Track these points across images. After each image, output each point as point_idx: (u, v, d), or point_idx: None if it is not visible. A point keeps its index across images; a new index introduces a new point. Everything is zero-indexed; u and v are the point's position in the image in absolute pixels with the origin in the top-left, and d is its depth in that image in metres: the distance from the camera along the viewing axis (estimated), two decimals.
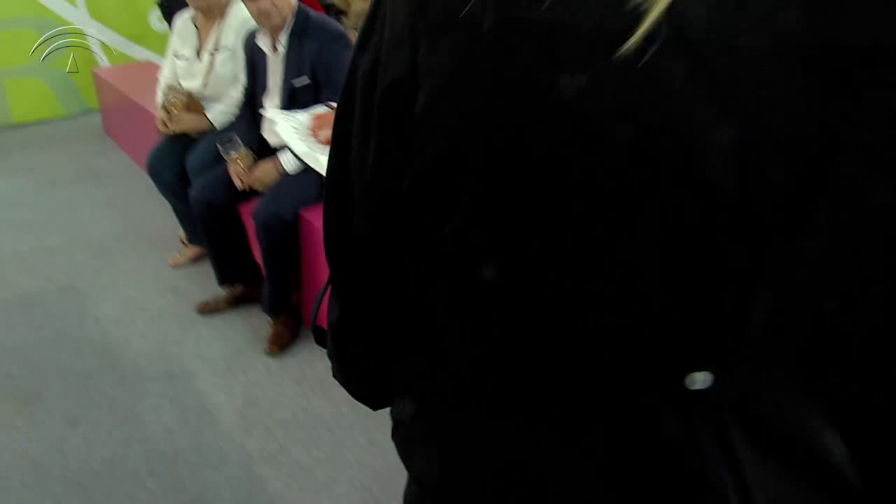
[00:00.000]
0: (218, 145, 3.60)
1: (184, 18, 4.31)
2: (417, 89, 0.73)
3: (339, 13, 6.61)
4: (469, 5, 0.64)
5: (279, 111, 3.11)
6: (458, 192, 0.72)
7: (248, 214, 3.50)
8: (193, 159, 3.93)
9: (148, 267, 4.41)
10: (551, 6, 0.63)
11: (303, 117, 2.62)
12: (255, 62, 3.64)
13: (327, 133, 1.56)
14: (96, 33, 7.88)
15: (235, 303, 3.86)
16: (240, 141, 3.59)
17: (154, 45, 7.86)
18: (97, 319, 3.95)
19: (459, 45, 0.68)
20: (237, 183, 3.56)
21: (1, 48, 7.48)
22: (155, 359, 3.59)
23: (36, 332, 3.89)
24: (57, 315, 4.02)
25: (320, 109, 2.95)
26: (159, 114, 4.15)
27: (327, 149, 1.01)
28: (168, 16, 6.45)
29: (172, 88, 4.17)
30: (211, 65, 4.11)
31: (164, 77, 4.31)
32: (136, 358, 3.61)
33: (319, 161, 2.04)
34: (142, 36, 8.01)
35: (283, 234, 3.34)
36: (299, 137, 2.18)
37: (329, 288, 1.03)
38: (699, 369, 0.66)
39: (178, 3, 4.60)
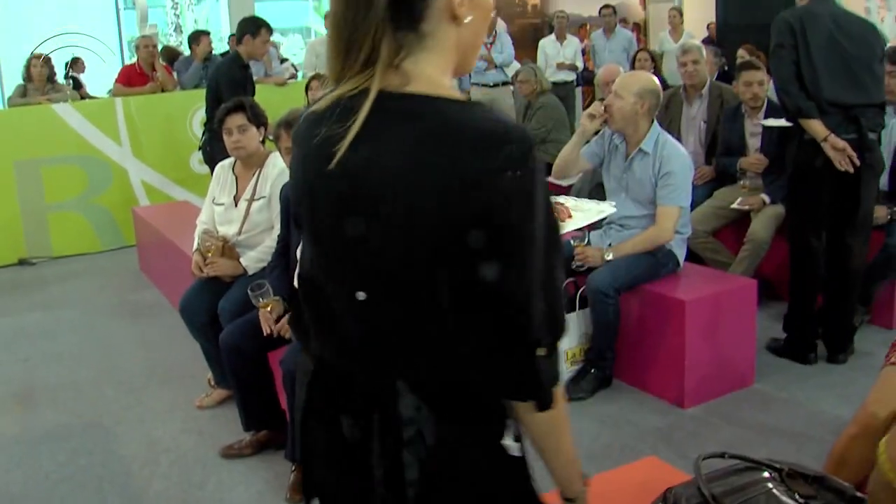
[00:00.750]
0: (249, 292, 3.69)
1: (223, 166, 4.48)
2: None
3: None
4: (295, 146, 1.45)
5: None
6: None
7: (277, 361, 3.56)
8: (225, 303, 4.02)
9: (175, 406, 4.45)
10: (316, 143, 1.34)
11: None
12: (290, 213, 3.77)
13: None
14: (138, 172, 8.16)
15: (260, 448, 3.87)
16: (270, 289, 3.68)
17: (193, 186, 8.12)
18: (121, 458, 3.98)
19: (294, 158, 1.46)
20: (265, 329, 3.64)
21: (47, 184, 7.76)
22: (176, 501, 3.59)
23: (59, 467, 3.92)
24: (81, 451, 4.05)
25: None
26: (195, 257, 4.27)
27: None
28: (209, 159, 6.70)
29: (208, 233, 4.31)
30: (247, 212, 4.25)
31: (202, 222, 4.45)
32: (157, 500, 3.62)
33: None
34: (182, 177, 8.28)
35: None
36: None
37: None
38: (361, 290, 1.35)
39: (220, 149, 4.78)
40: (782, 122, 5.33)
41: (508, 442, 1.42)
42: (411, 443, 1.37)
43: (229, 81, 6.41)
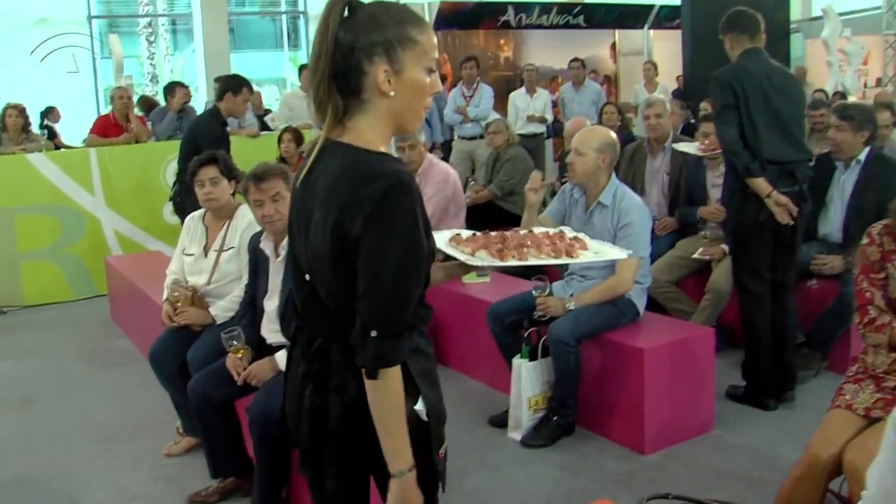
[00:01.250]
0: (222, 335, 3.75)
1: (194, 217, 4.57)
2: None
3: None
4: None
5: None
6: None
7: (244, 409, 3.61)
8: (194, 352, 4.08)
9: (143, 455, 4.48)
10: (298, 169, 1.98)
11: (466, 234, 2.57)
12: (258, 264, 3.85)
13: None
14: (111, 222, 8.22)
15: (226, 495, 3.91)
16: (242, 335, 3.75)
17: (165, 236, 8.18)
18: None
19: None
20: (234, 375, 3.70)
21: (20, 233, 7.80)
22: None
23: None
24: (48, 499, 4.07)
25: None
26: (165, 307, 4.34)
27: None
28: (180, 210, 6.77)
29: (178, 283, 4.38)
30: (216, 262, 4.34)
31: (171, 272, 4.53)
32: None
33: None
34: (154, 227, 8.36)
35: (275, 431, 3.45)
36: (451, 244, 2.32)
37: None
38: (308, 273, 1.94)
39: (191, 200, 4.87)
40: (692, 148, 5.58)
41: (419, 407, 1.91)
42: (337, 389, 1.94)
43: (210, 136, 6.46)
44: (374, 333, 1.78)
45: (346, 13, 1.85)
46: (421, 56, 1.88)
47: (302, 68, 10.62)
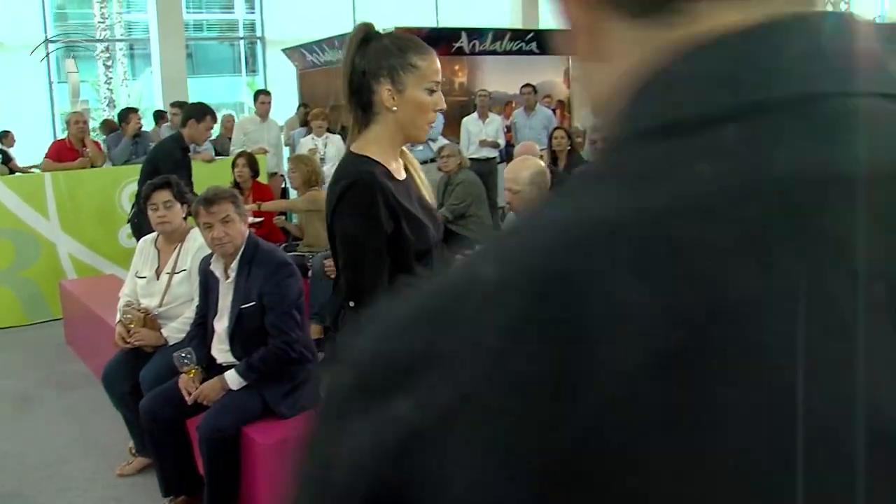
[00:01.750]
0: (174, 356, 3.84)
1: (146, 240, 4.67)
2: None
3: (295, 239, 7.04)
4: None
5: None
6: None
7: (195, 428, 3.70)
8: (147, 373, 4.16)
9: (97, 476, 4.53)
10: None
11: None
12: (208, 285, 3.95)
13: None
14: (66, 246, 8.23)
15: None
16: (195, 355, 3.84)
17: (121, 260, 8.15)
18: None
19: None
20: (186, 395, 3.79)
21: None
22: None
23: None
24: None
25: None
26: (118, 329, 4.42)
27: None
28: (137, 232, 6.82)
29: (130, 306, 4.47)
30: (168, 285, 4.43)
31: (124, 295, 4.61)
32: None
33: None
34: (110, 252, 8.37)
35: (225, 449, 3.55)
36: None
37: None
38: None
39: (148, 222, 4.95)
40: None
41: None
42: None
43: (170, 161, 6.54)
44: (351, 304, 2.24)
45: (363, 41, 2.29)
46: (421, 79, 2.29)
47: (258, 93, 10.72)
